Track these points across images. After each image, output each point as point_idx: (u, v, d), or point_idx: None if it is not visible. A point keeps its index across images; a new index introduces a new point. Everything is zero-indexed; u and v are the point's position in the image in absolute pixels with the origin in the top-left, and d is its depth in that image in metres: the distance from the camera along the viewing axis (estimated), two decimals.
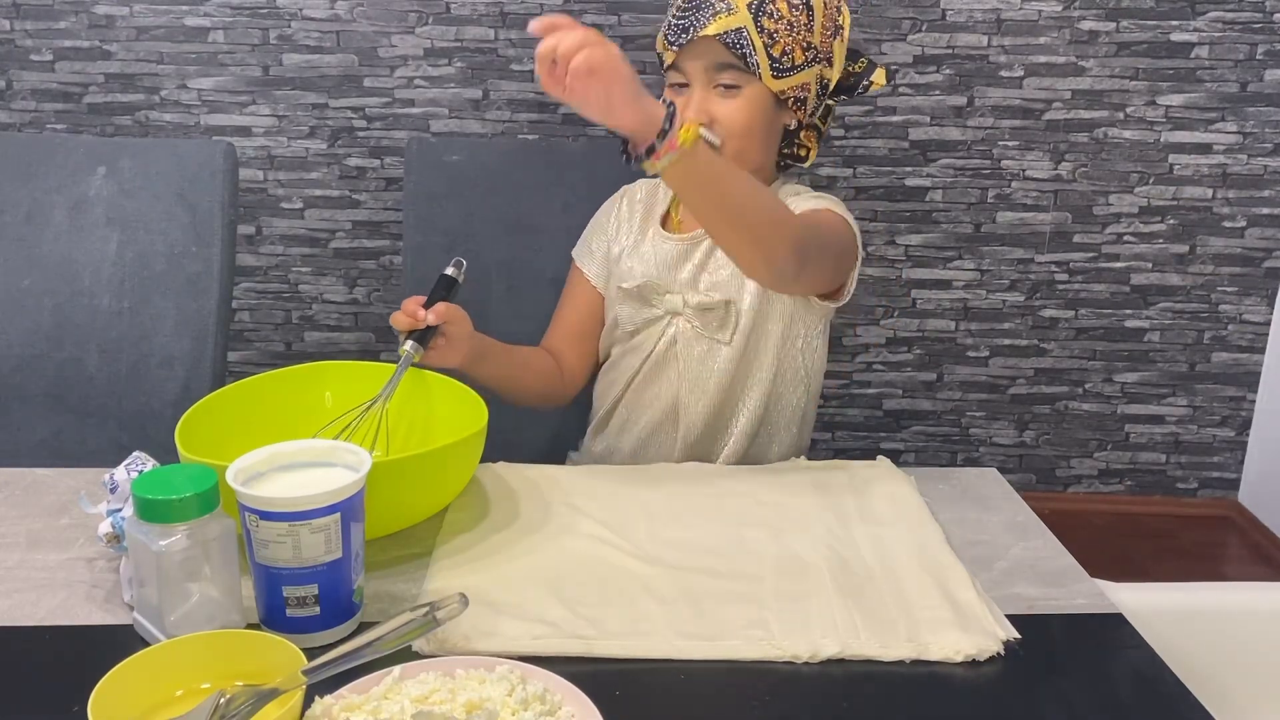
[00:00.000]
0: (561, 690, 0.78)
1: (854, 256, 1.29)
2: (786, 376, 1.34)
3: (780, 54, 1.24)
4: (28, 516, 1.07)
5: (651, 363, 1.36)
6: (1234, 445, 2.67)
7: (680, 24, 1.24)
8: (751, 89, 1.25)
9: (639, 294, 1.35)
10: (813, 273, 1.20)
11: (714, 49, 1.23)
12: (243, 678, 0.78)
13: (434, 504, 1.06)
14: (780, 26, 1.23)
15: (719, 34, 1.22)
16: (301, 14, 2.33)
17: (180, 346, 1.54)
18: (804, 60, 1.26)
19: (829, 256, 1.23)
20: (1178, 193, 2.49)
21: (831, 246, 1.23)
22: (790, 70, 1.25)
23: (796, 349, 1.34)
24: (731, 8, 1.22)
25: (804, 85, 1.28)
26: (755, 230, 1.07)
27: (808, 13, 1.25)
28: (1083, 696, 0.83)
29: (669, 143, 0.96)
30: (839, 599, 0.94)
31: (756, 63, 1.23)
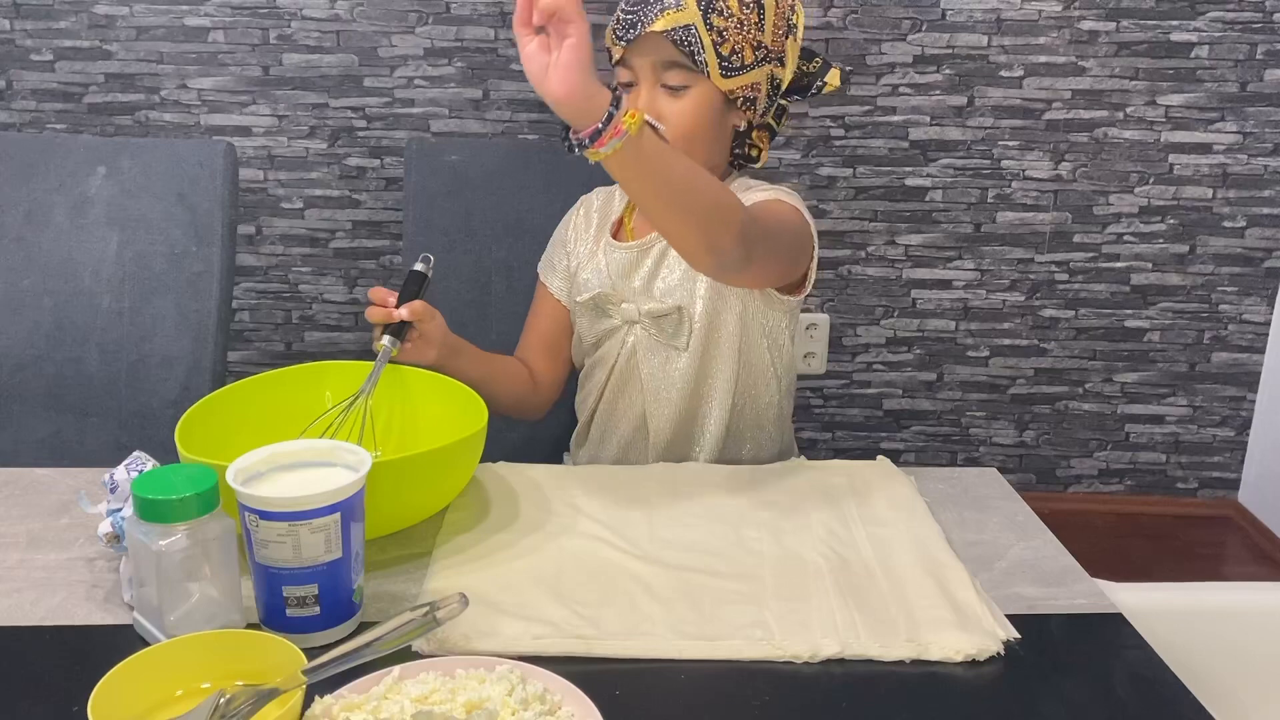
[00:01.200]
0: (561, 690, 0.78)
1: (809, 248, 1.27)
2: (754, 376, 1.33)
3: (730, 53, 1.21)
4: (28, 516, 1.07)
5: (617, 375, 1.35)
6: (1234, 445, 2.67)
7: (628, 19, 1.22)
8: (699, 88, 1.23)
9: (595, 305, 1.34)
10: (761, 262, 1.14)
11: (661, 46, 1.21)
12: (243, 678, 0.78)
13: (434, 504, 1.06)
14: (730, 24, 1.20)
15: (666, 30, 1.19)
16: (301, 14, 2.33)
17: (180, 346, 1.54)
18: (754, 60, 1.23)
19: (779, 246, 1.19)
20: (1178, 193, 2.49)
21: (781, 236, 1.20)
22: (740, 69, 1.23)
23: (761, 348, 1.32)
24: (680, 4, 1.19)
25: (754, 85, 1.25)
26: (699, 217, 1.02)
27: (758, 11, 1.22)
28: (1083, 696, 0.83)
29: (613, 128, 0.91)
30: (839, 599, 0.94)
31: (705, 61, 1.20)
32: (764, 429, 1.36)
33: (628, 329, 1.33)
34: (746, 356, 1.31)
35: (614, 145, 0.92)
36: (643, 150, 0.94)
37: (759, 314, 1.30)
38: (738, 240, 1.04)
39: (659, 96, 1.23)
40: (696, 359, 1.30)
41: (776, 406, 1.36)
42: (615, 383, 1.35)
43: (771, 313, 1.31)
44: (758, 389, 1.34)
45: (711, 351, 1.30)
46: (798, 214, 1.25)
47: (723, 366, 1.30)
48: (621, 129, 0.91)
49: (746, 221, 1.06)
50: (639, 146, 0.93)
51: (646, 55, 1.22)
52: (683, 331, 1.29)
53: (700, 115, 1.24)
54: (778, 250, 1.19)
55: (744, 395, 1.33)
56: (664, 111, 1.23)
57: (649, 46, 1.22)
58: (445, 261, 1.64)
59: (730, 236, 1.04)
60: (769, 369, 1.33)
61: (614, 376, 1.35)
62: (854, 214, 2.49)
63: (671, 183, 0.99)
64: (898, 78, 2.41)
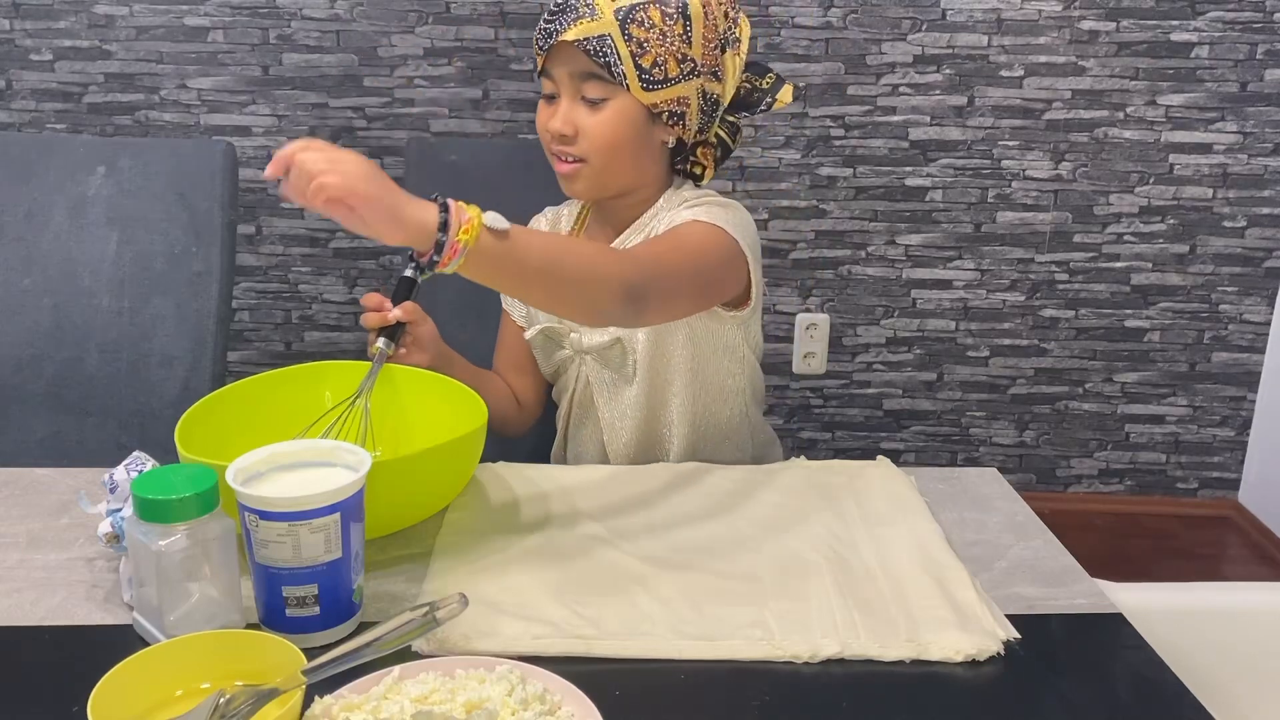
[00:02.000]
0: (561, 690, 0.78)
1: (737, 265, 1.21)
2: (711, 393, 1.29)
3: (650, 65, 1.16)
4: (28, 516, 1.07)
5: (576, 405, 1.34)
6: (1234, 445, 2.67)
7: (546, 28, 1.18)
8: (619, 101, 1.18)
9: (545, 338, 1.32)
10: (661, 304, 1.10)
11: (577, 56, 1.17)
12: (243, 678, 0.78)
13: (434, 504, 1.06)
14: (651, 35, 1.16)
15: (578, 40, 1.15)
16: (301, 14, 2.33)
17: (180, 346, 1.54)
18: (679, 73, 1.18)
19: (683, 281, 1.14)
20: (1178, 193, 2.49)
21: (683, 271, 1.14)
22: (662, 83, 1.17)
23: (718, 365, 1.28)
24: (595, 13, 1.15)
25: (680, 99, 1.20)
26: (571, 291, 1.01)
27: (684, 22, 1.17)
28: (1083, 696, 0.83)
29: (450, 249, 0.89)
30: (839, 599, 0.94)
31: (623, 72, 1.16)
32: (733, 440, 1.33)
33: (580, 360, 1.31)
34: (701, 376, 1.27)
35: (457, 262, 0.91)
36: (490, 253, 0.92)
37: (707, 332, 1.26)
38: (621, 299, 1.03)
39: (578, 108, 1.19)
40: (645, 387, 1.26)
41: (743, 417, 1.33)
42: (576, 413, 1.35)
43: (723, 329, 1.27)
44: (720, 405, 1.30)
45: (661, 377, 1.26)
46: (717, 235, 1.18)
47: (676, 391, 1.27)
48: (459, 247, 0.90)
49: (630, 276, 1.03)
50: (484, 251, 0.91)
51: (563, 65, 1.19)
52: (626, 362, 1.27)
53: (619, 129, 1.19)
54: (682, 286, 1.14)
55: (704, 412, 1.29)
56: (582, 124, 1.19)
57: (565, 56, 1.18)
58: None
59: (611, 297, 1.02)
60: (728, 382, 1.30)
61: (574, 408, 1.34)
62: (854, 214, 2.50)
63: (531, 271, 0.97)
64: (898, 78, 2.41)
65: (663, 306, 1.12)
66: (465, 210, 0.91)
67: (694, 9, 1.18)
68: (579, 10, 1.16)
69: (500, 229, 0.93)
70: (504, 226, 0.93)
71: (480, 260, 0.92)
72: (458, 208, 0.91)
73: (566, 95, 1.20)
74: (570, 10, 1.16)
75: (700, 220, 1.18)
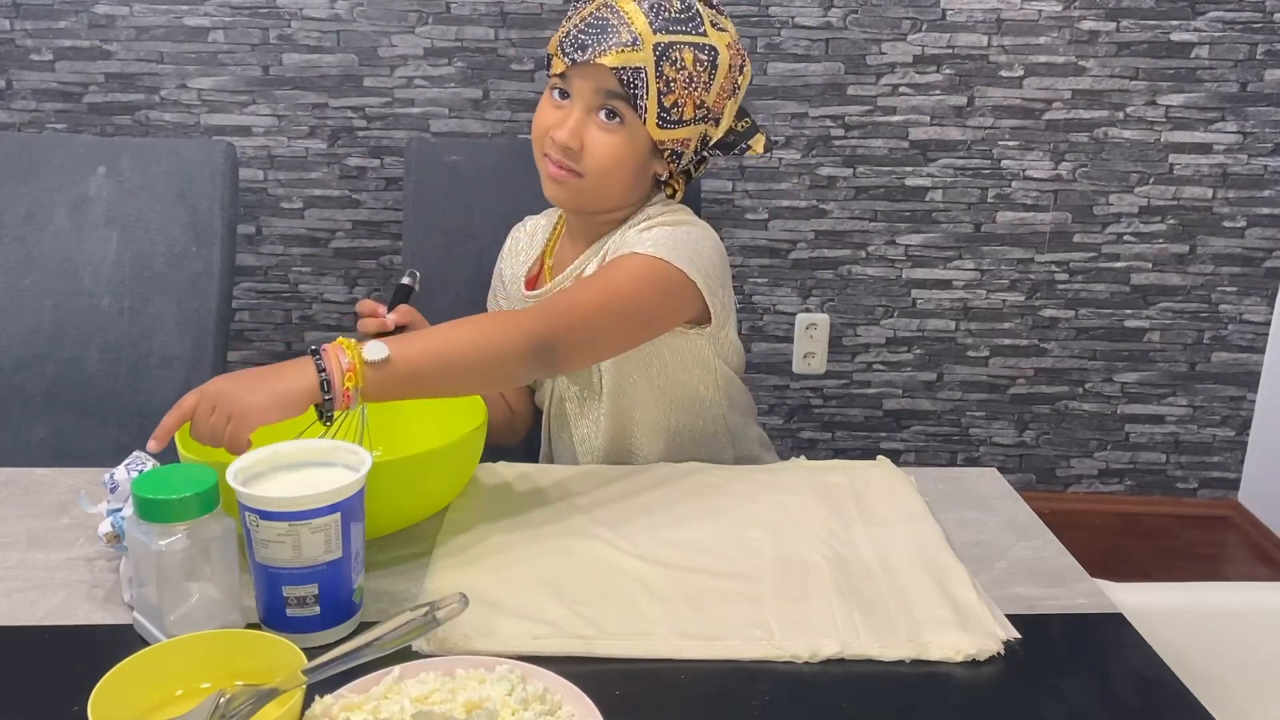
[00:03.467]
0: (561, 690, 0.78)
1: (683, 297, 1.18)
2: (683, 406, 1.28)
3: (671, 105, 1.17)
4: (28, 516, 1.07)
5: (553, 420, 1.35)
6: (1234, 445, 2.67)
7: (580, 39, 1.16)
8: (632, 130, 1.18)
9: None
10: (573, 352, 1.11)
11: (606, 78, 1.16)
12: (243, 677, 0.78)
13: (434, 504, 1.06)
14: (680, 77, 1.16)
15: (617, 67, 1.15)
16: (301, 14, 2.33)
17: (180, 346, 1.54)
18: (692, 117, 1.19)
19: (602, 325, 1.13)
20: (1178, 193, 2.49)
21: (605, 313, 1.13)
22: (677, 124, 1.19)
23: (682, 378, 1.27)
24: (637, 44, 1.14)
25: (684, 140, 1.21)
26: (474, 376, 1.05)
27: (710, 70, 1.18)
28: (1083, 696, 0.83)
29: (344, 399, 0.94)
30: (839, 599, 0.94)
31: (645, 107, 1.16)
32: (711, 448, 1.32)
33: (553, 378, 1.32)
34: (671, 390, 1.27)
35: (356, 404, 0.95)
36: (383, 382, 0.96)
37: (672, 349, 1.25)
38: (527, 360, 1.06)
39: (589, 123, 1.19)
40: (613, 403, 1.26)
41: (720, 426, 1.32)
42: (555, 428, 1.35)
43: (686, 346, 1.25)
44: (694, 416, 1.29)
45: (628, 394, 1.26)
46: (653, 268, 1.16)
47: (646, 406, 1.26)
48: (349, 393, 0.94)
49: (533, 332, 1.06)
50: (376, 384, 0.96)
51: (589, 80, 1.17)
52: (592, 379, 1.27)
53: (624, 156, 1.19)
54: (603, 330, 1.13)
55: (678, 425, 1.29)
56: (590, 140, 1.19)
57: (594, 74, 1.17)
58: (445, 262, 1.64)
59: (516, 363, 1.06)
60: (703, 394, 1.29)
61: (552, 422, 1.35)
62: (854, 214, 2.50)
63: (428, 377, 1.00)
64: (898, 78, 2.41)
65: (578, 353, 1.13)
66: (344, 353, 0.94)
67: (721, 59, 1.19)
68: (621, 35, 1.15)
69: (380, 359, 0.95)
70: (383, 355, 0.96)
71: (376, 391, 0.96)
72: (334, 356, 0.94)
73: (580, 108, 1.19)
74: (612, 32, 1.15)
75: (638, 253, 1.17)
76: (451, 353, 1.02)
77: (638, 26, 1.15)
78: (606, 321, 1.13)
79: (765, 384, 2.58)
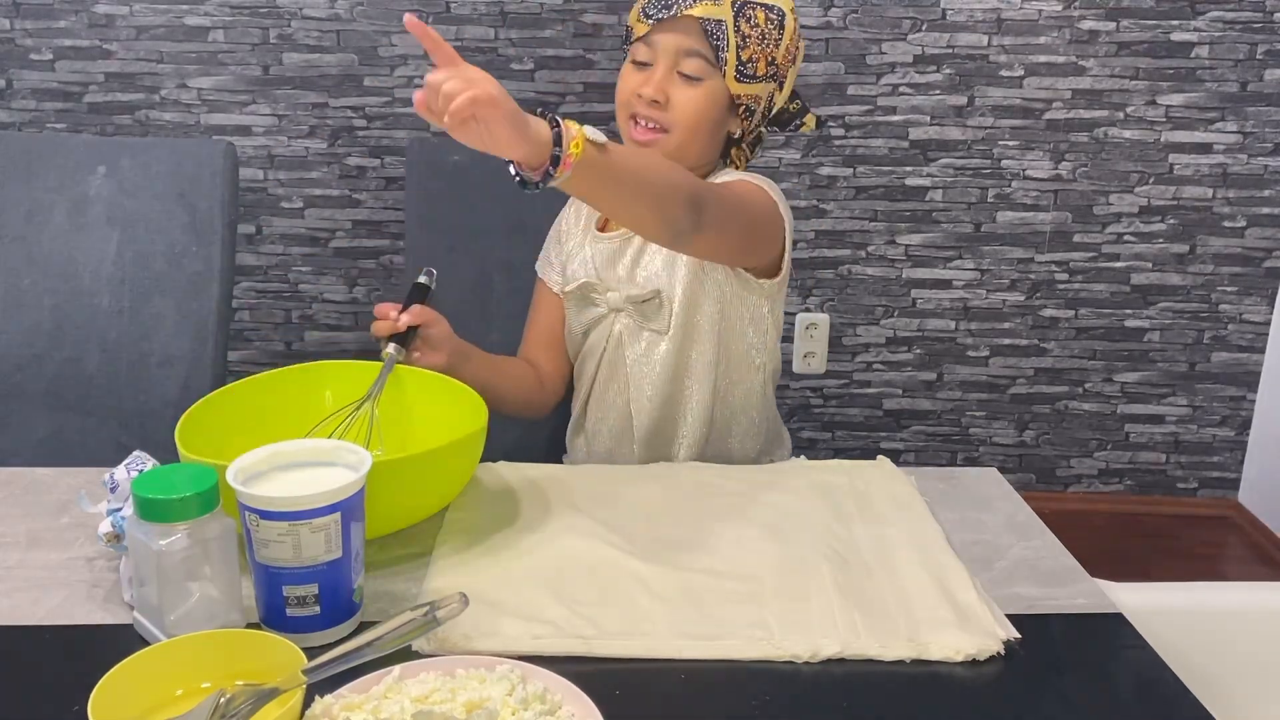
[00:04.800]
0: (561, 690, 0.78)
1: (776, 227, 1.27)
2: (734, 361, 1.34)
3: (748, 59, 1.24)
4: (28, 516, 1.07)
5: (605, 365, 1.36)
6: (1234, 445, 2.67)
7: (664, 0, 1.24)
8: (712, 83, 1.25)
9: (581, 295, 1.36)
10: (714, 229, 1.16)
11: (691, 31, 1.23)
12: (243, 677, 0.78)
13: (434, 504, 1.06)
14: (754, 33, 1.24)
15: (702, 17, 1.22)
16: (301, 13, 2.33)
17: (180, 346, 1.54)
18: (765, 73, 1.27)
19: (733, 216, 1.20)
20: (1178, 192, 2.49)
21: (738, 208, 1.21)
22: (752, 78, 1.26)
23: (743, 332, 1.33)
24: None
25: (757, 97, 1.29)
26: (650, 198, 1.08)
27: (779, 28, 1.26)
28: (1083, 696, 0.83)
29: (564, 163, 0.95)
30: (839, 599, 0.94)
31: (725, 59, 1.23)
32: (748, 415, 1.37)
33: (614, 317, 1.35)
34: (727, 341, 1.32)
35: (565, 176, 0.96)
36: (592, 166, 0.98)
37: (738, 299, 1.31)
38: (685, 206, 1.10)
39: (673, 79, 1.25)
40: (677, 343, 1.31)
41: (760, 393, 1.37)
42: (604, 372, 1.37)
43: (750, 297, 1.31)
44: (740, 374, 1.35)
45: (691, 335, 1.31)
46: (762, 193, 1.27)
47: (703, 350, 1.31)
48: (570, 161, 0.95)
49: (694, 187, 1.12)
50: (587, 164, 0.97)
51: (672, 38, 1.24)
52: (663, 315, 1.30)
53: (707, 109, 1.26)
54: (732, 220, 1.20)
55: (725, 379, 1.34)
56: (675, 96, 1.25)
57: (680, 27, 1.24)
58: (446, 262, 1.64)
59: (678, 204, 1.10)
60: (751, 354, 1.34)
61: (602, 366, 1.37)
62: (854, 214, 2.50)
63: (620, 181, 1.05)
64: (898, 77, 2.41)
65: (717, 226, 1.17)
66: (571, 127, 0.97)
67: (789, 21, 1.28)
68: None
69: (600, 141, 0.99)
70: (602, 139, 1.00)
71: (584, 172, 0.98)
72: (566, 125, 0.96)
73: (664, 65, 1.25)
74: None
75: (748, 181, 1.27)
76: (644, 168, 1.08)
77: None
78: (737, 213, 1.21)
79: None
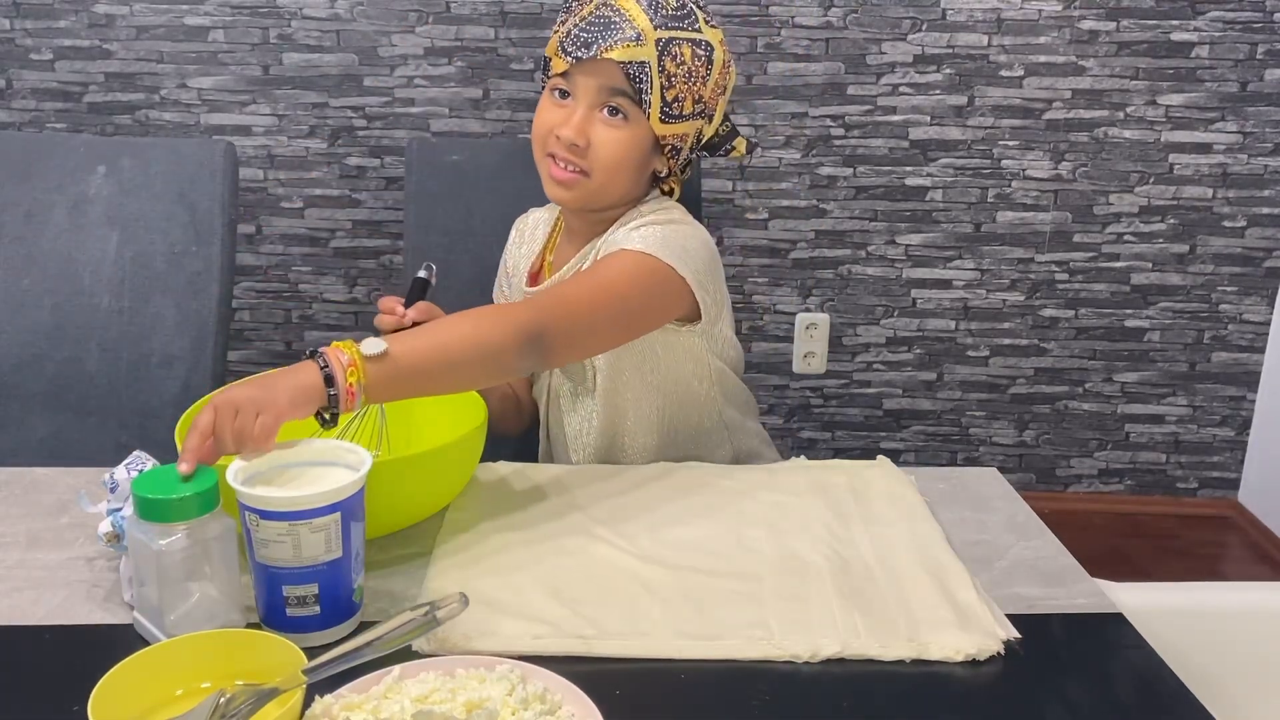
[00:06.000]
0: (561, 690, 0.78)
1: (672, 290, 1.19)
2: (676, 402, 1.28)
3: (673, 99, 1.19)
4: (28, 516, 1.07)
5: (551, 413, 1.35)
6: (1234, 445, 2.67)
7: (583, 37, 1.18)
8: (636, 126, 1.20)
9: None
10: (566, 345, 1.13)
11: (612, 73, 1.17)
12: (243, 677, 0.78)
13: (434, 504, 1.06)
14: (680, 72, 1.18)
15: (623, 61, 1.16)
16: (301, 13, 2.33)
17: (180, 346, 1.54)
18: (691, 111, 1.21)
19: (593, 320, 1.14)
20: (1178, 192, 2.49)
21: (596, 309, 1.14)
22: (678, 118, 1.21)
23: (676, 374, 1.27)
24: (641, 39, 1.16)
25: (683, 135, 1.23)
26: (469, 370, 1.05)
27: (707, 65, 1.20)
28: (1083, 696, 0.83)
29: (348, 395, 0.93)
30: (839, 599, 0.94)
31: (649, 101, 1.18)
32: (706, 445, 1.32)
33: (549, 373, 1.32)
34: (665, 385, 1.27)
35: (360, 400, 0.94)
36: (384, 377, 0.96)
37: (665, 345, 1.25)
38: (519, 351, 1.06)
39: (594, 119, 1.19)
40: (605, 398, 1.26)
41: (716, 422, 1.32)
42: (552, 422, 1.35)
43: (680, 340, 1.26)
44: (689, 411, 1.30)
45: (622, 390, 1.26)
46: (646, 264, 1.17)
47: (640, 401, 1.26)
48: (354, 390, 0.93)
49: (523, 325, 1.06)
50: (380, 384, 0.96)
51: (593, 77, 1.18)
52: (586, 374, 1.27)
53: (629, 150, 1.20)
54: (593, 324, 1.14)
55: (672, 421, 1.29)
56: (596, 137, 1.19)
57: (598, 70, 1.18)
58: (446, 261, 1.64)
59: (510, 355, 1.06)
60: (697, 389, 1.29)
61: (550, 416, 1.35)
62: (854, 214, 2.50)
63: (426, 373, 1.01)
64: (898, 77, 2.41)
65: (569, 347, 1.14)
66: (342, 352, 0.94)
67: (717, 55, 1.22)
68: (624, 31, 1.16)
69: (378, 353, 0.95)
70: (380, 350, 0.96)
71: (381, 388, 0.96)
72: (334, 354, 0.93)
73: (585, 105, 1.20)
74: (614, 29, 1.17)
75: (630, 250, 1.18)
76: (448, 347, 1.03)
77: (640, 23, 1.16)
78: (596, 316, 1.15)
79: (765, 384, 2.58)
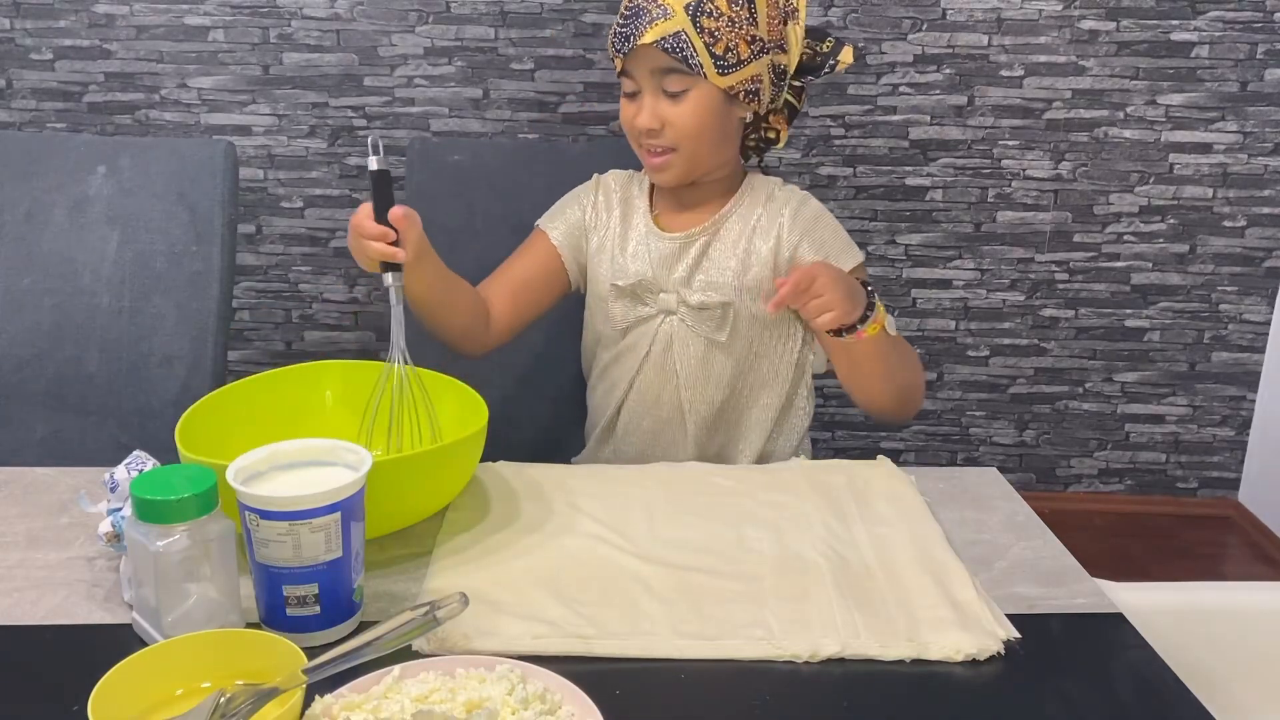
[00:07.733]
0: (561, 690, 0.78)
1: None
2: (793, 374, 1.36)
3: (724, 51, 1.23)
4: (28, 516, 1.07)
5: (650, 364, 1.35)
6: (1234, 445, 2.67)
7: (622, 32, 1.25)
8: (699, 90, 1.25)
9: (633, 291, 1.35)
10: None
11: (655, 55, 1.23)
12: (243, 677, 0.78)
13: (434, 504, 1.06)
14: (720, 24, 1.22)
15: (656, 40, 1.22)
16: (301, 13, 2.33)
17: (180, 346, 1.54)
18: (750, 54, 1.25)
19: None
20: (1178, 192, 2.49)
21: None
22: (736, 65, 1.24)
23: (794, 348, 1.35)
24: (668, 13, 1.21)
25: (754, 78, 1.27)
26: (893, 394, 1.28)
27: (749, 6, 1.24)
28: (1083, 696, 0.83)
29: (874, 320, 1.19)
30: (839, 599, 0.94)
31: (699, 63, 1.22)
32: (800, 423, 1.40)
33: (663, 318, 1.34)
34: (786, 355, 1.35)
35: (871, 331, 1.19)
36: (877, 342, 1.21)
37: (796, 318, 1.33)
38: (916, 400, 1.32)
39: (662, 102, 1.26)
40: (739, 354, 1.33)
41: (806, 404, 1.40)
42: (649, 372, 1.36)
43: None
44: (795, 387, 1.37)
45: (755, 348, 1.34)
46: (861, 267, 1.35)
47: (768, 362, 1.35)
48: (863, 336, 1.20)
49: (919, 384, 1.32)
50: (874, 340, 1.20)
51: (643, 64, 1.25)
52: (725, 326, 1.32)
53: (702, 116, 1.26)
54: None
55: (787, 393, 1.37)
56: (668, 116, 1.26)
57: (645, 57, 1.24)
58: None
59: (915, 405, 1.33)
60: (805, 367, 1.37)
61: (647, 365, 1.36)
62: (854, 214, 2.50)
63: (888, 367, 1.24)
64: (898, 77, 2.41)
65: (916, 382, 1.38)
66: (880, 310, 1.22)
67: None
68: (652, 13, 1.22)
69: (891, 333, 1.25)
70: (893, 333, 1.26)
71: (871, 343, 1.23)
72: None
73: (649, 91, 1.26)
74: (643, 14, 1.23)
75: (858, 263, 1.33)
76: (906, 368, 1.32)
77: (666, 0, 1.22)
78: None
79: None
